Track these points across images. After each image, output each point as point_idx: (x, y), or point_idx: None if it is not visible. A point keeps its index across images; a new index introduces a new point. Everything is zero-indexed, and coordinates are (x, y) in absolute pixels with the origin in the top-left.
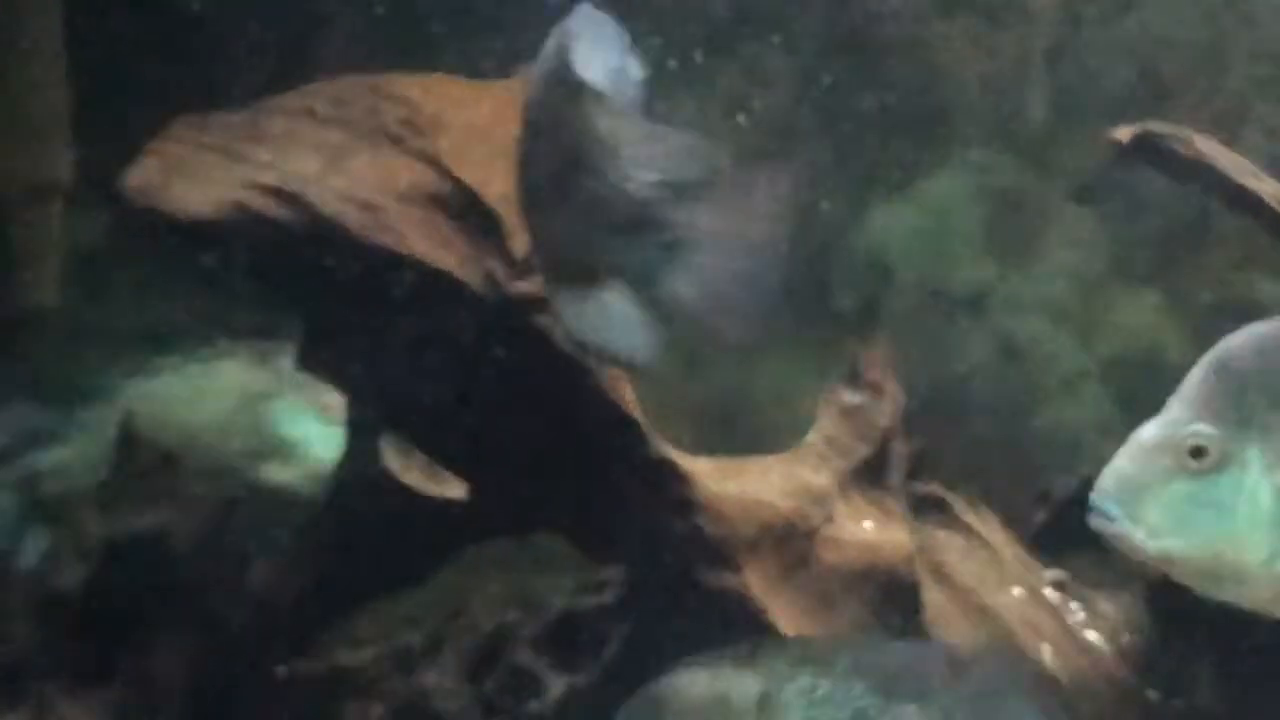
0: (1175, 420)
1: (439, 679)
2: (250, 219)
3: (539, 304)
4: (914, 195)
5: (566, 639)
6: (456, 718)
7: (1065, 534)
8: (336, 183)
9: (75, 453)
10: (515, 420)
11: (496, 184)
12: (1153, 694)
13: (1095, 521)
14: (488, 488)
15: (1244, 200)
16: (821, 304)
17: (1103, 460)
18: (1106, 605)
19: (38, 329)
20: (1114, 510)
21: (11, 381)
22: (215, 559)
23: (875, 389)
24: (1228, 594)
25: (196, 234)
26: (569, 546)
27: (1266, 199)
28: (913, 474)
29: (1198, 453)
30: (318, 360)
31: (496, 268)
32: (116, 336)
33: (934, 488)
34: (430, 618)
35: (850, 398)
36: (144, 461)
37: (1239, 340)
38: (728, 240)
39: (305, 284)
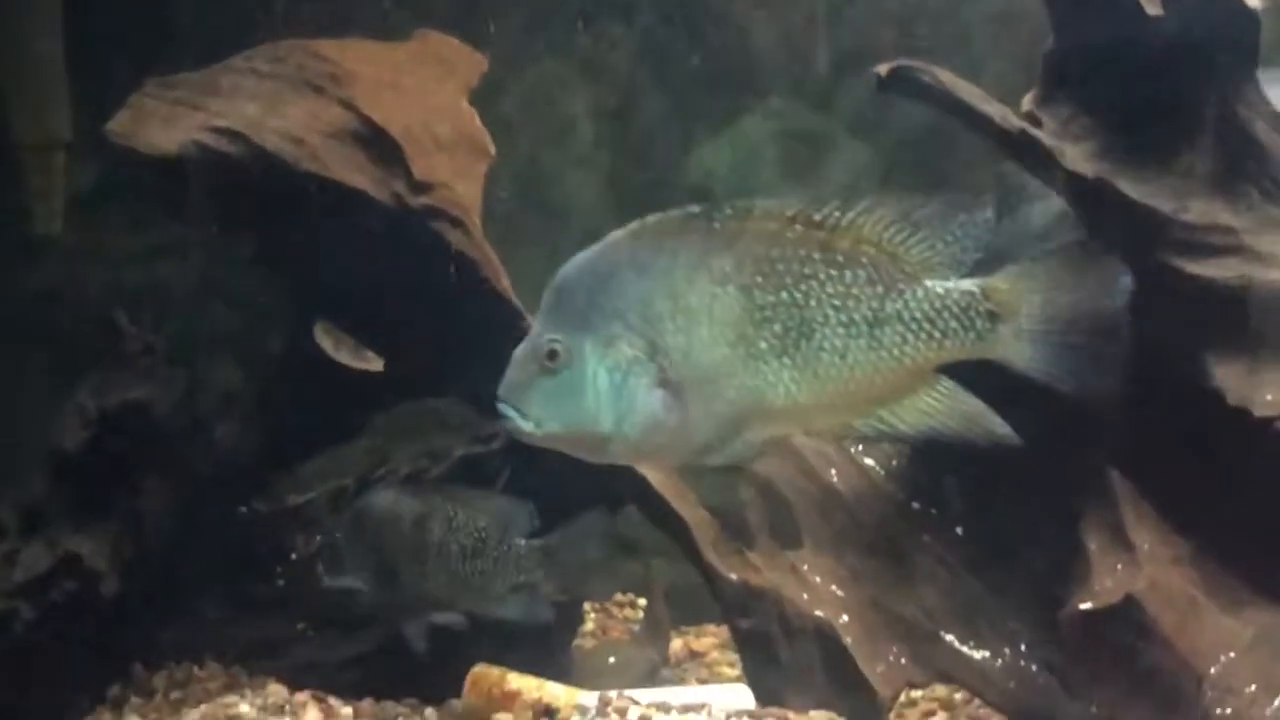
0: (536, 333)
1: None
2: (206, 154)
3: (435, 214)
4: (729, 136)
5: (464, 479)
6: None
7: None
8: (274, 124)
9: None
10: (419, 306)
11: (399, 121)
12: (915, 504)
13: (501, 420)
14: (400, 362)
15: (977, 120)
16: None
17: None
18: None
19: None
20: (509, 411)
21: None
22: (187, 423)
23: None
24: (602, 459)
25: (164, 168)
26: (466, 411)
27: (994, 118)
28: None
29: (552, 355)
30: (266, 262)
31: (401, 187)
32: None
33: None
34: (360, 467)
35: None
36: (130, 347)
37: (571, 266)
38: None
39: (253, 204)
